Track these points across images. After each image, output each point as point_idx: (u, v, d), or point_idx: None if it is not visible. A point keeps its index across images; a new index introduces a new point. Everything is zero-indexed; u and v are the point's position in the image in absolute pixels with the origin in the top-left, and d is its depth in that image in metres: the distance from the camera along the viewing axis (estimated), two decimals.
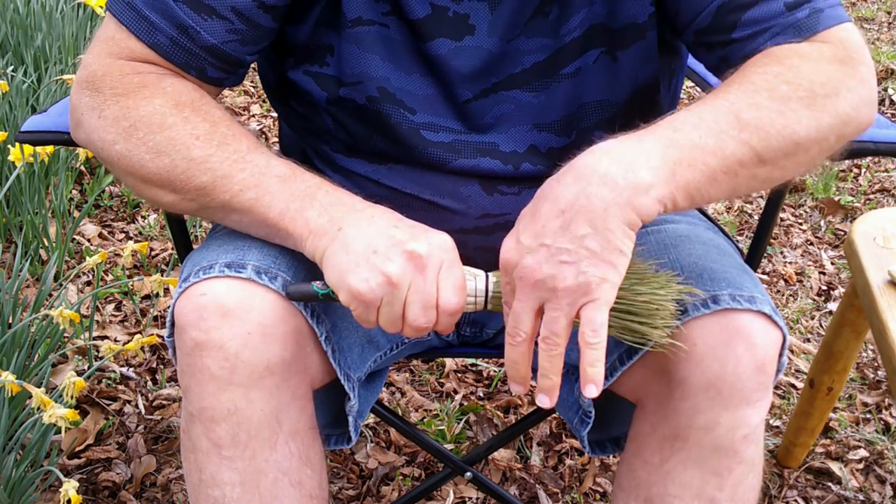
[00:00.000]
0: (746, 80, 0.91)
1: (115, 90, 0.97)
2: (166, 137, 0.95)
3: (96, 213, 2.55)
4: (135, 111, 0.96)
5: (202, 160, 0.94)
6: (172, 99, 0.97)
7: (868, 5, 4.88)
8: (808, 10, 0.96)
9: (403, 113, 1.05)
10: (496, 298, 0.95)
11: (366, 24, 1.03)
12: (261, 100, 3.34)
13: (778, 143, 0.89)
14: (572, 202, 0.84)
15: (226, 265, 0.96)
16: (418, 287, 0.90)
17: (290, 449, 1.00)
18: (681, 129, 0.87)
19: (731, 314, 0.96)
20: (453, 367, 2.04)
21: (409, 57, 1.04)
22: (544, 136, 1.07)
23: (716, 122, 0.88)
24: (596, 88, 1.05)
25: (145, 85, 0.98)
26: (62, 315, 1.50)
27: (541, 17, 1.03)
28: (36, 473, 1.50)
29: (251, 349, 0.94)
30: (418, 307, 0.91)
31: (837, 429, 1.89)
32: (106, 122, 0.97)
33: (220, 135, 0.96)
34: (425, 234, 0.93)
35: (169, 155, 0.94)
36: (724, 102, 0.89)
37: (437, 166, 1.06)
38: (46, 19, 2.77)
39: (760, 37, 0.96)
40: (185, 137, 0.95)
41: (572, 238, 0.84)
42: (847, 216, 2.77)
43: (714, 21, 0.98)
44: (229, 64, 1.03)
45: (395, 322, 0.92)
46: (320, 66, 1.06)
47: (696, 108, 0.90)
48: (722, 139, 0.87)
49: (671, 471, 1.00)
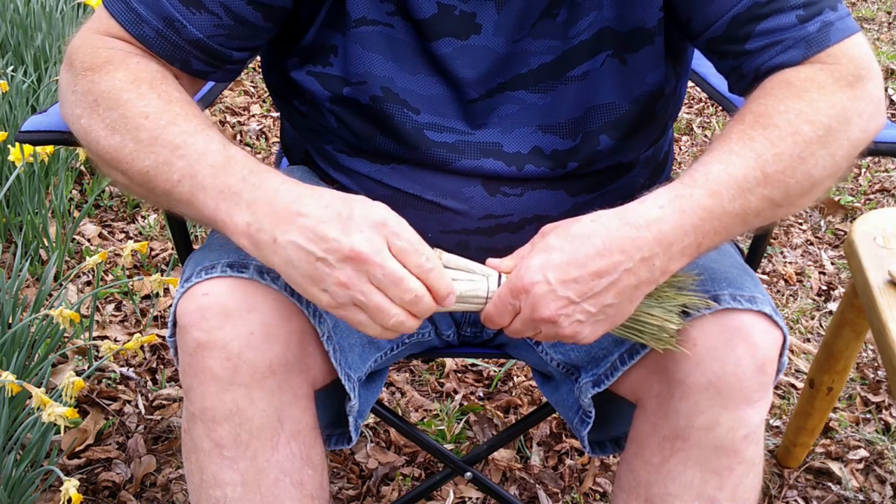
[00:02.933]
0: (771, 124, 0.92)
1: (85, 64, 0.98)
2: (120, 114, 0.94)
3: (96, 213, 2.55)
4: (98, 85, 0.96)
5: (148, 142, 0.92)
6: (133, 74, 0.96)
7: (868, 5, 4.88)
8: (820, 24, 0.96)
9: (407, 113, 1.04)
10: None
11: (370, 24, 1.03)
12: (261, 100, 3.34)
13: (797, 190, 0.92)
14: (609, 271, 0.87)
15: (228, 265, 0.96)
16: (375, 274, 0.85)
17: (292, 449, 1.00)
18: (716, 192, 0.89)
19: (732, 314, 0.96)
20: (453, 367, 2.04)
21: (413, 57, 1.04)
22: (549, 138, 1.07)
23: (745, 179, 0.90)
24: (603, 92, 1.05)
25: (111, 60, 0.97)
26: (62, 315, 1.50)
27: (548, 18, 1.02)
28: (36, 473, 1.50)
29: (253, 349, 0.94)
30: (391, 288, 0.86)
31: (837, 429, 1.89)
32: (76, 96, 0.97)
33: (170, 114, 0.93)
34: (348, 216, 0.86)
35: (120, 133, 0.93)
36: (752, 154, 0.90)
37: (440, 166, 1.06)
38: (46, 19, 2.77)
39: (772, 49, 0.97)
40: (135, 115, 0.93)
41: (597, 304, 0.88)
42: (847, 216, 2.77)
43: (728, 31, 0.98)
44: (215, 58, 1.03)
45: (384, 313, 0.87)
46: (324, 67, 1.06)
47: (726, 158, 0.90)
48: (747, 199, 0.90)
49: (672, 471, 1.00)
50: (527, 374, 2.02)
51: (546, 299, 0.87)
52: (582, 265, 0.87)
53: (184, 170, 0.91)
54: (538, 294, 0.87)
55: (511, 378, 2.02)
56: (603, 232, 0.87)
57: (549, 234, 0.90)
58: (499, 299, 0.91)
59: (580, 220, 0.90)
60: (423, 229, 1.01)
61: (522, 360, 1.28)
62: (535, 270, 0.88)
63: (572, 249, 0.87)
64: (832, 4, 0.98)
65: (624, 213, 0.89)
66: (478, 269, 0.93)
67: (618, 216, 0.88)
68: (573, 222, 0.90)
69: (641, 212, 0.88)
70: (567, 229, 0.89)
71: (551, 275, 0.87)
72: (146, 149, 0.92)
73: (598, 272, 0.87)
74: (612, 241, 0.87)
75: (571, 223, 0.90)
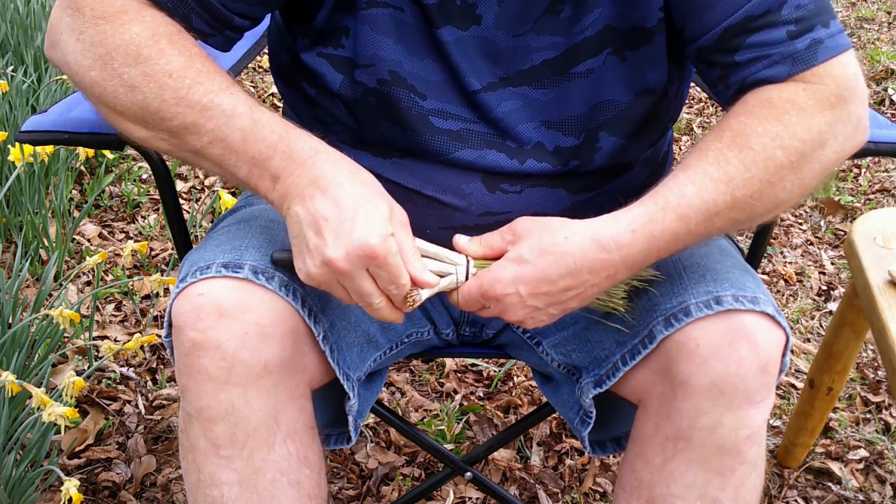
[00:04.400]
0: (747, 146, 0.94)
1: (95, 12, 0.95)
2: (140, 72, 0.93)
3: (96, 213, 2.55)
4: (111, 38, 0.94)
5: (174, 101, 0.93)
6: (150, 28, 0.95)
7: (868, 5, 4.88)
8: (809, 41, 0.97)
9: (414, 98, 1.04)
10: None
11: (380, 6, 1.02)
12: (261, 100, 3.34)
13: (761, 210, 0.96)
14: (576, 286, 0.94)
15: (223, 265, 0.96)
16: (342, 284, 0.92)
17: (289, 449, 1.00)
18: (686, 216, 0.93)
19: (735, 315, 0.96)
20: (453, 367, 2.04)
21: (422, 42, 1.04)
22: (552, 133, 1.06)
23: (715, 204, 0.93)
24: (605, 89, 1.05)
25: (125, 10, 0.95)
26: (62, 315, 1.49)
27: (552, 14, 1.02)
28: (36, 473, 1.50)
29: (249, 349, 0.94)
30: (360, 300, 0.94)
31: (837, 429, 1.89)
32: (83, 45, 0.95)
33: (194, 71, 0.94)
34: (348, 232, 0.89)
35: (142, 91, 0.93)
36: (724, 178, 0.93)
37: (442, 156, 1.06)
38: (46, 19, 2.77)
39: (759, 63, 0.98)
40: (158, 73, 0.93)
41: (560, 309, 0.97)
42: (847, 216, 2.77)
43: (719, 42, 0.99)
44: (216, 20, 1.01)
45: (368, 295, 0.92)
46: (335, 48, 1.05)
47: (700, 181, 0.93)
48: (713, 222, 0.94)
49: (674, 471, 1.00)
50: (527, 374, 2.02)
51: (515, 307, 0.95)
52: (552, 282, 0.93)
53: (213, 132, 0.94)
54: (509, 303, 0.95)
55: (511, 378, 2.02)
56: (576, 252, 0.92)
57: (523, 244, 0.94)
58: (469, 296, 0.96)
59: (553, 231, 0.94)
60: (422, 224, 1.02)
61: (522, 360, 1.28)
62: (507, 283, 0.93)
63: (544, 266, 0.93)
64: (825, 21, 0.97)
65: (597, 232, 0.93)
66: (447, 257, 0.98)
67: (591, 236, 0.93)
68: (547, 232, 0.94)
69: (615, 233, 0.93)
70: (540, 242, 0.93)
71: (522, 288, 0.93)
72: (172, 108, 0.93)
73: (566, 288, 0.94)
74: (583, 262, 0.93)
75: (544, 233, 0.94)
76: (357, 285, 0.91)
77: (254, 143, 0.93)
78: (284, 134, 0.94)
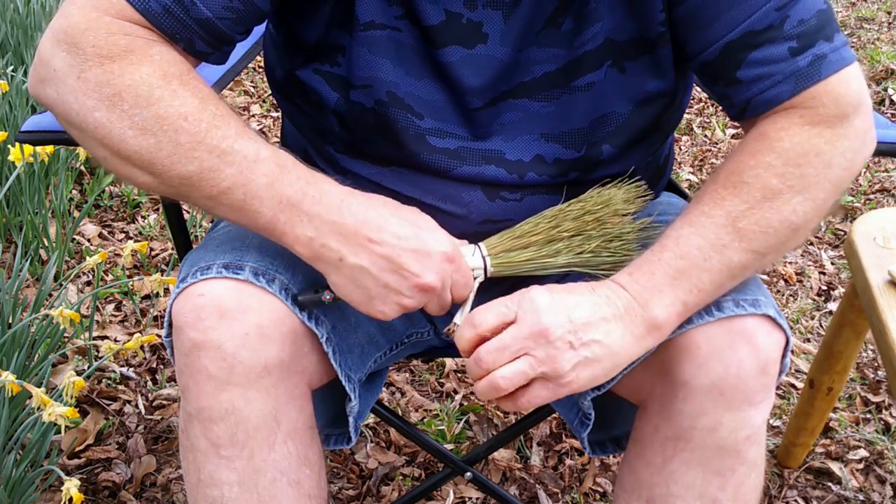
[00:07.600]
0: (741, 182, 0.95)
1: (99, 50, 0.90)
2: (153, 113, 0.89)
3: (96, 213, 2.55)
4: (120, 78, 0.89)
5: (190, 146, 0.89)
6: (161, 69, 0.90)
7: (868, 5, 4.88)
8: (811, 58, 0.96)
9: (411, 118, 1.04)
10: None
11: (378, 28, 1.01)
12: (260, 100, 3.34)
13: (777, 238, 0.95)
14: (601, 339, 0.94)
15: (223, 266, 0.96)
16: (435, 301, 0.98)
17: (289, 449, 1.00)
18: (686, 254, 0.94)
19: (735, 319, 0.96)
20: (453, 367, 2.04)
21: (420, 62, 1.03)
22: (552, 146, 1.06)
23: (717, 237, 0.94)
24: (606, 102, 1.04)
25: (132, 50, 0.90)
26: (62, 315, 1.49)
27: (553, 27, 1.02)
28: (36, 473, 1.50)
29: (249, 349, 0.94)
30: (437, 309, 0.99)
31: (837, 429, 1.89)
32: (87, 84, 0.90)
33: (209, 114, 0.90)
34: (426, 253, 0.95)
35: (155, 135, 0.89)
36: (721, 213, 0.95)
37: (441, 173, 1.06)
38: (46, 19, 2.77)
39: (762, 82, 0.97)
40: (173, 116, 0.89)
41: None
42: (847, 216, 2.77)
43: (720, 57, 0.98)
44: (218, 40, 0.98)
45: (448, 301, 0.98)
46: (331, 66, 1.05)
47: (697, 223, 0.95)
48: (725, 254, 0.94)
49: (674, 471, 1.00)
50: None
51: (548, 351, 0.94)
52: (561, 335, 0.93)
53: (234, 178, 0.91)
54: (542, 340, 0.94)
55: None
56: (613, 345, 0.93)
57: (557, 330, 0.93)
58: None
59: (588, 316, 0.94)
60: None
61: None
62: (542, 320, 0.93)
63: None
64: (828, 35, 0.96)
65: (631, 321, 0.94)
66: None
67: (623, 325, 0.93)
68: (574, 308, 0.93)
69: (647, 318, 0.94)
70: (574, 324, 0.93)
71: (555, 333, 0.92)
72: (188, 153, 0.90)
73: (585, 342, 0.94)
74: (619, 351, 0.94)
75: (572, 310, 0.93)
76: (446, 295, 0.97)
77: (281, 186, 0.92)
78: (311, 178, 0.93)
